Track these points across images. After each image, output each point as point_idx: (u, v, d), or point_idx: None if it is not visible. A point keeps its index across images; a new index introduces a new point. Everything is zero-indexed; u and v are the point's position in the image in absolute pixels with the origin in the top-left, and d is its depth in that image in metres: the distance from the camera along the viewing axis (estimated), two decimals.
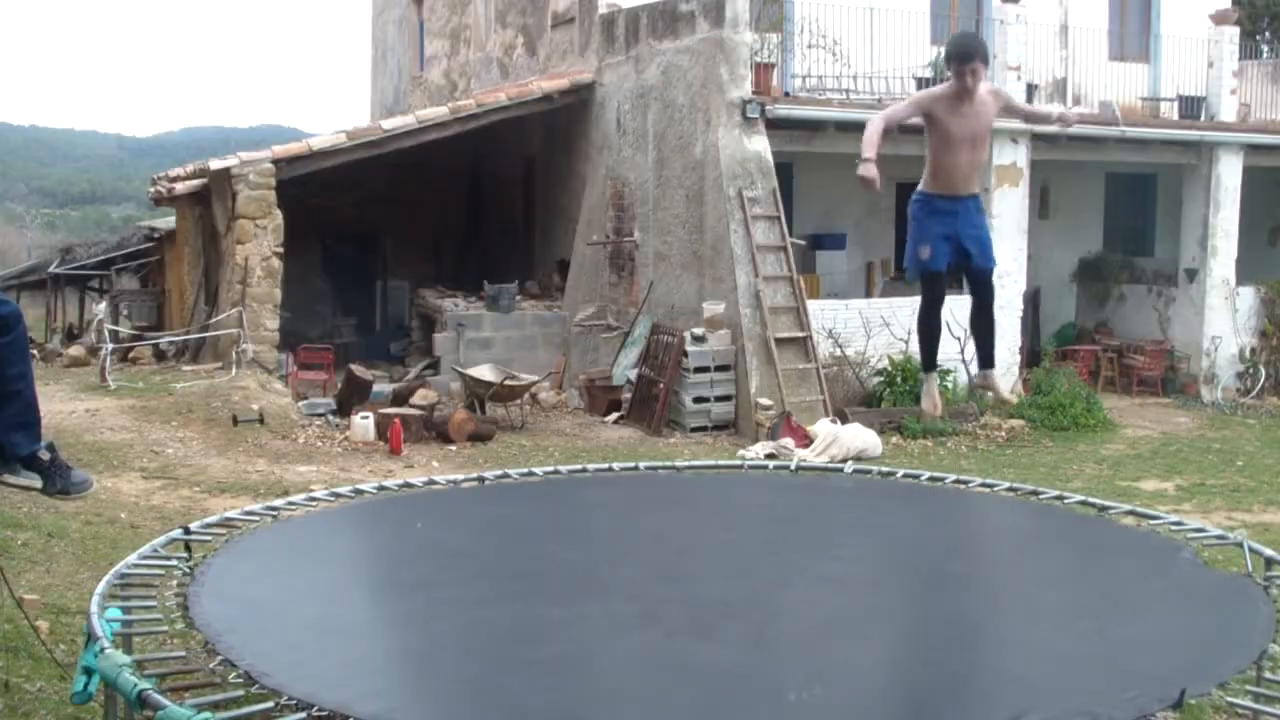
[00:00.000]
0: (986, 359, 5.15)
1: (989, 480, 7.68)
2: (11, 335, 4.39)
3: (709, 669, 4.56)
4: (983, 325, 5.14)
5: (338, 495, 7.11)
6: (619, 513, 7.19)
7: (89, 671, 4.29)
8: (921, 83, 15.85)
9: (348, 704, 3.95)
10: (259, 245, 14.96)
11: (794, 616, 5.32)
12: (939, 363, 5.59)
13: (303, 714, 3.85)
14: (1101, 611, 5.25)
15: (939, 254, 5.04)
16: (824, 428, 12.45)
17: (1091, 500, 7.16)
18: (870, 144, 5.16)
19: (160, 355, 16.79)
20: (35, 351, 12.77)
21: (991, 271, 5.22)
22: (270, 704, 4.01)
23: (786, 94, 14.82)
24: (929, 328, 5.03)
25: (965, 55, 5.13)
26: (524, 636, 4.86)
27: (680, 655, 4.72)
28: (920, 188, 5.42)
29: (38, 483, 4.60)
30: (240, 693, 4.05)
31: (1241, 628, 4.82)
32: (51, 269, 24.27)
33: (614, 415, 13.97)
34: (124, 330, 18.08)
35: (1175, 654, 4.64)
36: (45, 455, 4.58)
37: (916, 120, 5.41)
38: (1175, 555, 5.98)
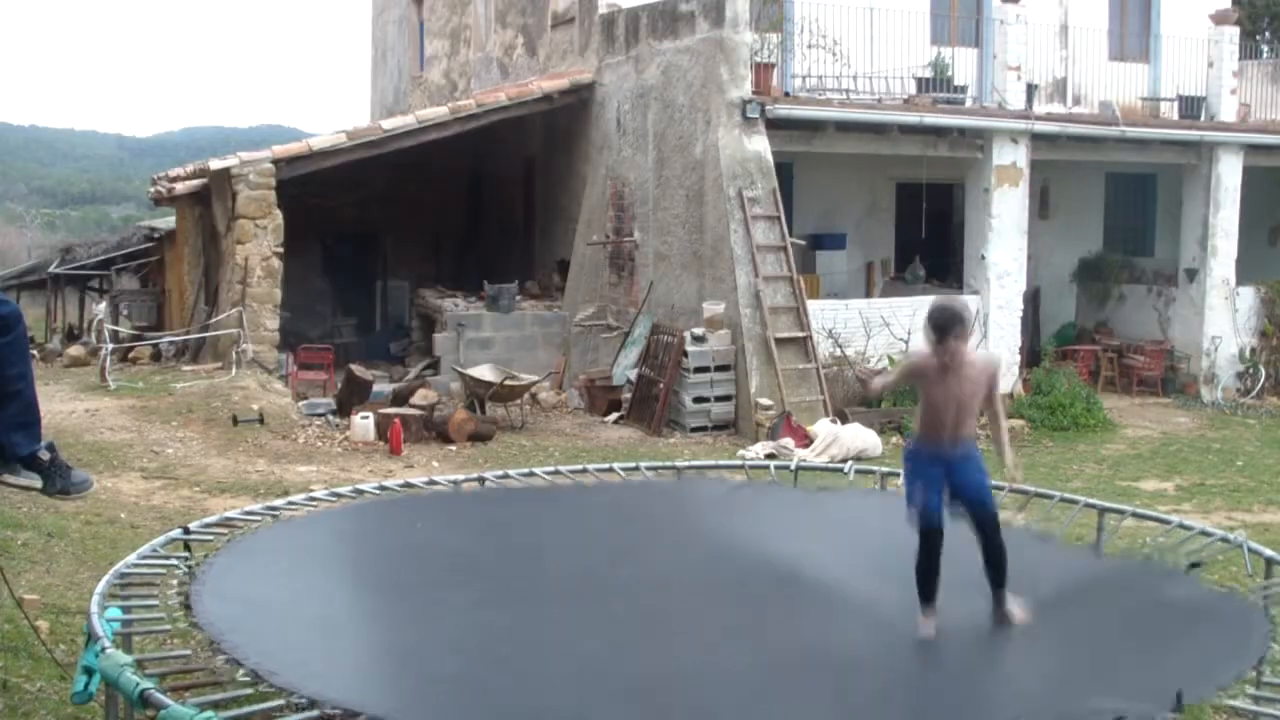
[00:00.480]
0: (998, 588, 5.17)
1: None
2: (12, 335, 4.39)
3: (708, 667, 4.57)
4: (992, 562, 5.16)
5: (338, 495, 7.12)
6: (618, 513, 7.19)
7: (89, 671, 4.29)
8: (922, 83, 15.89)
9: (348, 703, 3.96)
10: (259, 245, 14.96)
11: (793, 616, 5.33)
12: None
13: (309, 713, 3.85)
14: (1101, 615, 5.26)
15: (933, 507, 5.05)
16: (824, 428, 12.45)
17: (1091, 502, 7.16)
18: (878, 392, 5.39)
19: (156, 355, 16.78)
20: (35, 352, 12.78)
21: (992, 514, 5.19)
22: (272, 703, 4.01)
23: (786, 94, 14.81)
24: (927, 575, 5.04)
25: (943, 328, 5.07)
26: (524, 636, 4.87)
27: (681, 654, 4.72)
28: (912, 441, 5.46)
29: (38, 483, 4.60)
30: (247, 691, 4.06)
31: (1240, 632, 4.82)
32: (51, 269, 24.26)
33: (614, 415, 13.97)
34: (124, 330, 18.08)
35: (1174, 657, 4.65)
36: (45, 455, 4.58)
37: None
38: (1174, 559, 5.98)
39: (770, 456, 11.28)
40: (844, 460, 10.84)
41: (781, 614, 5.36)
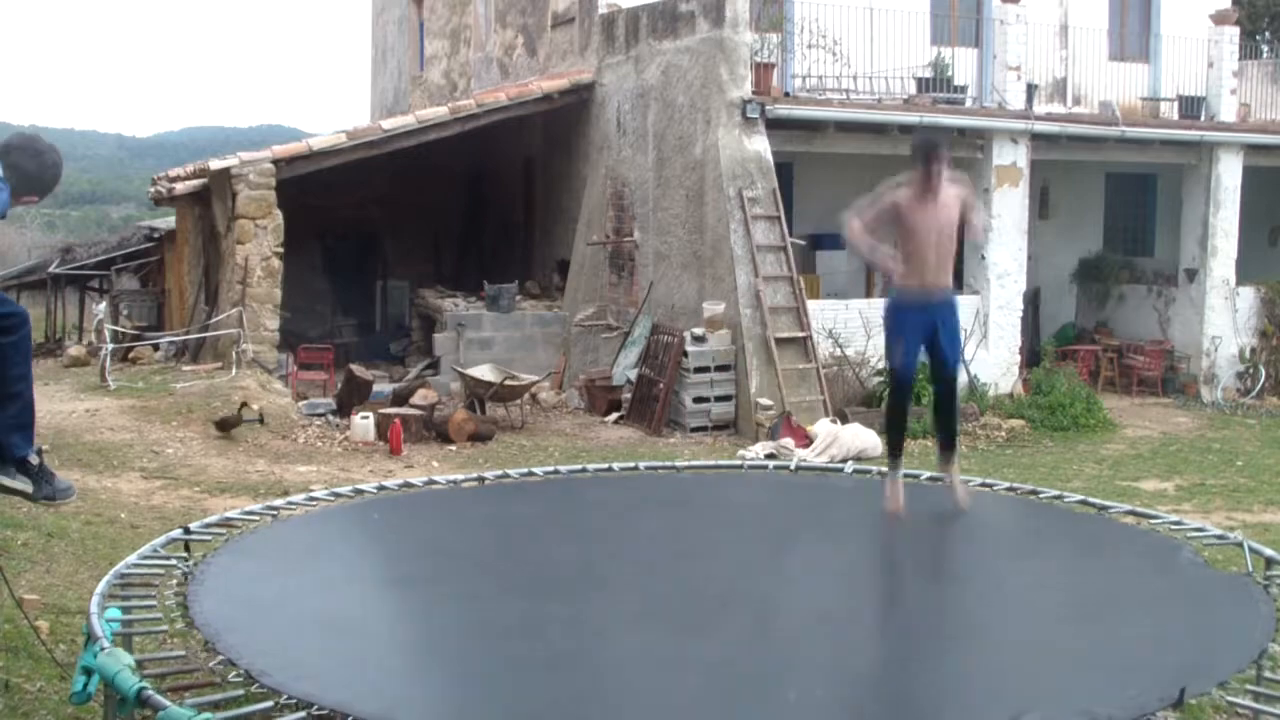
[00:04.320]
0: (948, 442, 5.36)
1: (989, 480, 7.68)
2: (16, 336, 4.40)
3: (709, 668, 4.57)
4: (944, 419, 5.36)
5: (338, 495, 7.12)
6: (618, 512, 7.19)
7: (89, 671, 4.29)
8: (922, 83, 15.89)
9: (348, 703, 3.96)
10: (259, 245, 14.96)
11: (793, 615, 5.33)
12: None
13: (303, 713, 3.85)
14: (1101, 611, 5.26)
15: (911, 352, 5.23)
16: (824, 428, 12.45)
17: (1091, 500, 7.17)
18: (865, 243, 5.47)
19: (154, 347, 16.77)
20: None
21: (955, 375, 5.41)
22: (270, 703, 4.01)
23: (786, 94, 14.82)
24: (896, 419, 5.23)
25: (931, 154, 5.33)
26: (524, 634, 4.86)
27: (680, 653, 4.72)
28: (894, 282, 5.58)
29: (29, 487, 4.61)
30: (240, 692, 4.06)
31: (1241, 627, 4.82)
32: (51, 269, 24.27)
33: (614, 415, 13.97)
34: (124, 330, 18.07)
35: (1175, 653, 4.64)
36: (35, 460, 4.59)
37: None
38: (1175, 554, 5.99)
39: (770, 456, 11.29)
40: (844, 460, 10.84)
41: (781, 611, 5.36)
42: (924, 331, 5.29)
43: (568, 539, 6.49)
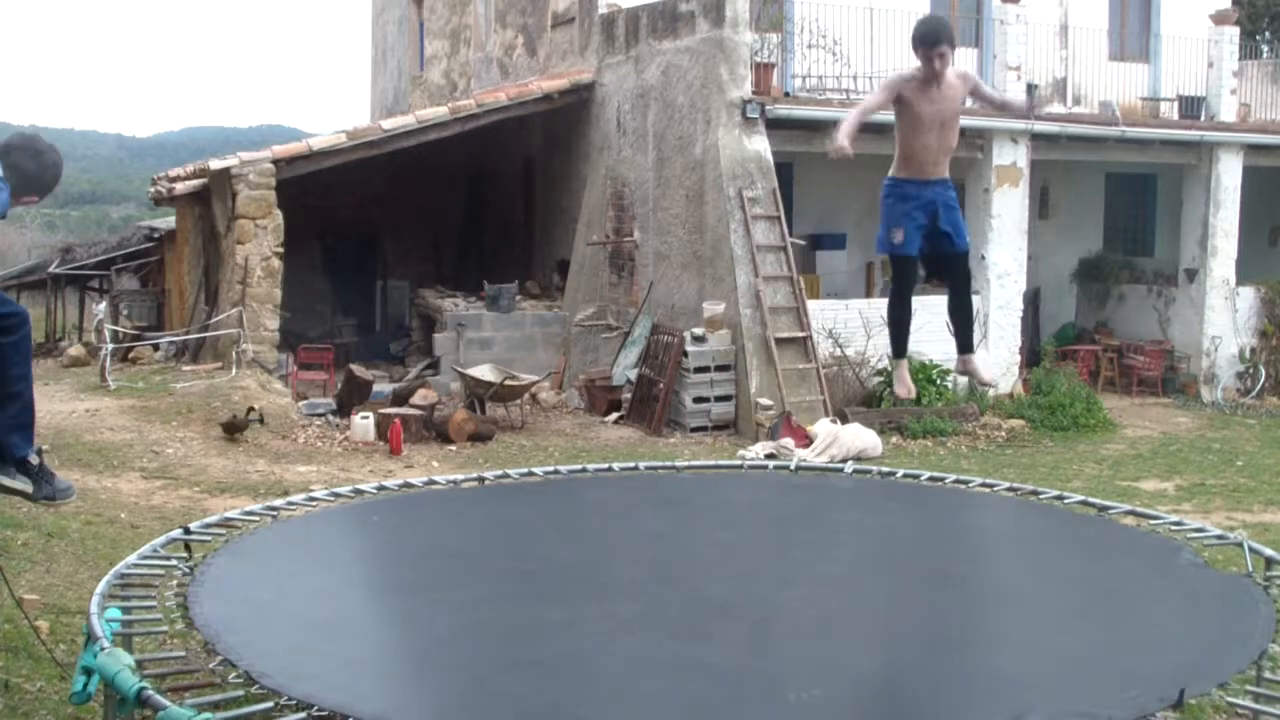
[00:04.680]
0: (965, 344, 5.16)
1: (989, 480, 7.68)
2: (16, 336, 4.40)
3: (709, 671, 4.56)
4: (961, 311, 5.17)
5: (338, 495, 7.12)
6: (618, 513, 7.19)
7: (89, 671, 4.29)
8: None
9: (347, 704, 3.95)
10: (259, 245, 14.96)
11: (793, 616, 5.32)
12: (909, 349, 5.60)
13: (302, 714, 3.85)
14: (1101, 611, 5.26)
15: (911, 238, 5.05)
16: (824, 428, 12.45)
17: (1091, 500, 7.17)
18: (850, 124, 5.21)
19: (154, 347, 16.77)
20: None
21: (967, 254, 5.24)
22: (270, 704, 4.01)
23: (786, 94, 14.81)
24: (899, 313, 5.06)
25: (933, 39, 5.15)
26: (524, 636, 4.86)
27: (680, 656, 4.71)
28: (891, 173, 5.46)
29: (29, 488, 4.61)
30: (240, 693, 4.05)
31: (1241, 628, 4.82)
32: (51, 269, 24.27)
33: (614, 415, 13.97)
34: (124, 330, 18.06)
35: (1175, 654, 4.64)
36: (34, 460, 4.59)
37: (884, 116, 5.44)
38: (1175, 555, 5.98)
39: (770, 456, 11.29)
40: (844, 460, 10.84)
41: (781, 612, 5.36)
42: (925, 212, 5.09)
43: (568, 540, 6.48)
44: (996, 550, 6.54)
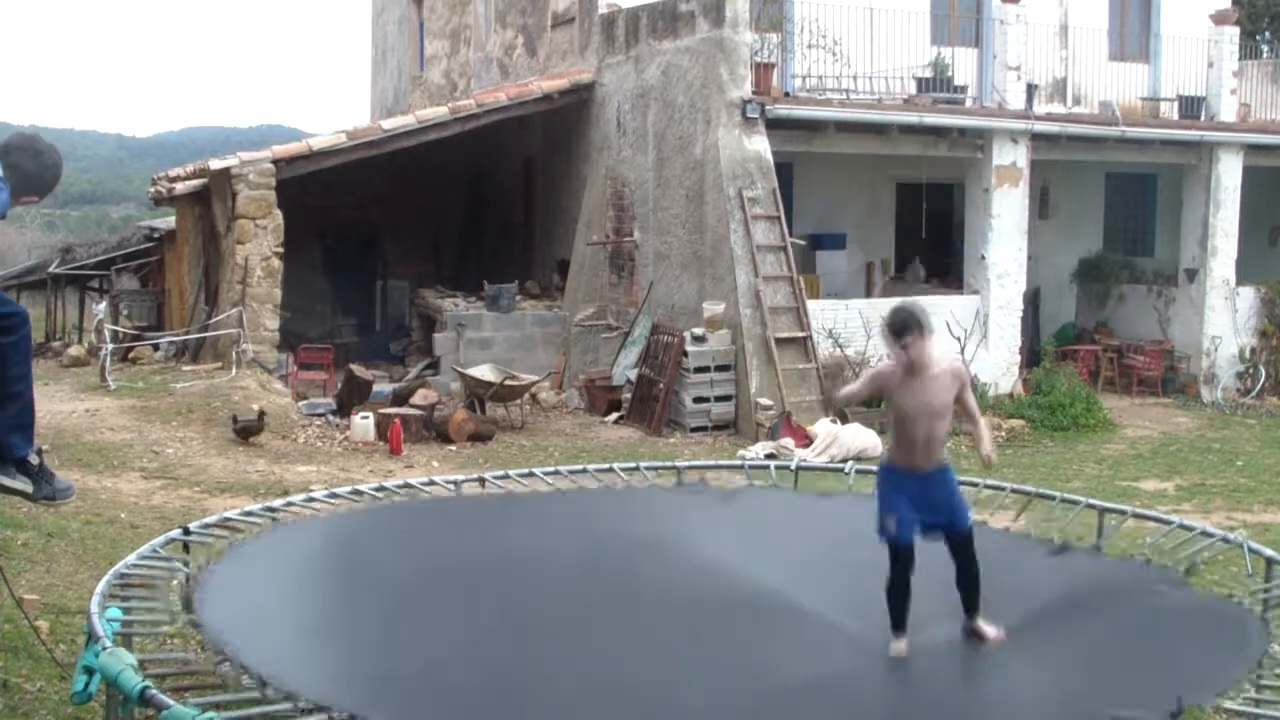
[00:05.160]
0: (971, 608, 5.06)
1: (989, 480, 7.66)
2: (16, 336, 4.40)
3: (709, 676, 4.57)
4: (966, 581, 5.04)
5: (337, 496, 7.12)
6: (619, 518, 7.18)
7: (89, 671, 4.29)
8: (922, 83, 15.89)
9: (359, 708, 3.95)
10: (259, 245, 14.96)
11: (793, 627, 5.31)
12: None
13: (321, 715, 3.84)
14: (1099, 630, 5.24)
15: (905, 525, 4.93)
16: (824, 428, 12.45)
17: (1092, 502, 7.15)
18: (846, 395, 5.17)
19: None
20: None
21: (968, 532, 5.08)
22: (269, 706, 4.01)
23: (786, 94, 14.81)
24: (898, 598, 4.90)
25: (899, 329, 5.02)
26: (524, 638, 4.86)
27: (680, 661, 4.72)
28: (886, 455, 5.35)
29: (29, 487, 4.61)
30: (254, 694, 4.05)
31: (1235, 646, 4.82)
32: (51, 269, 24.26)
33: (614, 415, 13.97)
34: (124, 330, 18.06)
35: (1172, 670, 4.64)
36: (34, 460, 4.59)
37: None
38: (1170, 576, 5.95)
39: (770, 456, 11.28)
40: (844, 460, 10.84)
41: (779, 631, 5.32)
42: (917, 506, 4.95)
43: (568, 543, 6.48)
44: (995, 569, 6.46)
